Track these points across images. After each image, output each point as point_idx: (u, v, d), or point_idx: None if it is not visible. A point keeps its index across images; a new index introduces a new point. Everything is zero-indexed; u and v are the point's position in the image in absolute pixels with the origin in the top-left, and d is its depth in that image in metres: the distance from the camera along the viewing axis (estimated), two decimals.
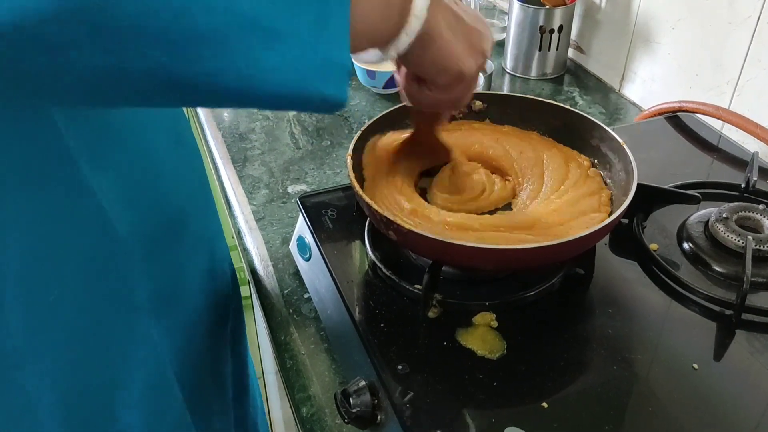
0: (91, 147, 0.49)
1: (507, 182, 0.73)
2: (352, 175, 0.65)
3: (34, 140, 0.45)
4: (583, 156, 0.74)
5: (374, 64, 1.10)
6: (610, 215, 0.64)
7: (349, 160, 0.66)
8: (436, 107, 0.61)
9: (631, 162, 0.66)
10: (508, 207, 0.71)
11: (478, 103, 0.78)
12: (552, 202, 0.68)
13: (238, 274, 0.85)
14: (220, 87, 0.38)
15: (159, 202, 0.58)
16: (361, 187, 0.65)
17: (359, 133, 0.70)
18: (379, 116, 0.72)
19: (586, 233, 0.58)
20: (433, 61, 0.49)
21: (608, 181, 0.71)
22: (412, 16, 0.45)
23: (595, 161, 0.73)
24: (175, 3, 0.34)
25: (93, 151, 0.49)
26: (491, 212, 0.70)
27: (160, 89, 0.38)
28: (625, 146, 0.68)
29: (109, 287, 0.54)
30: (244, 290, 1.03)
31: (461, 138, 0.75)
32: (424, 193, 0.71)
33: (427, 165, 0.73)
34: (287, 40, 0.38)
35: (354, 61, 1.12)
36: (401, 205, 0.65)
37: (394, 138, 0.71)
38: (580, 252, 0.63)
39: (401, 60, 0.50)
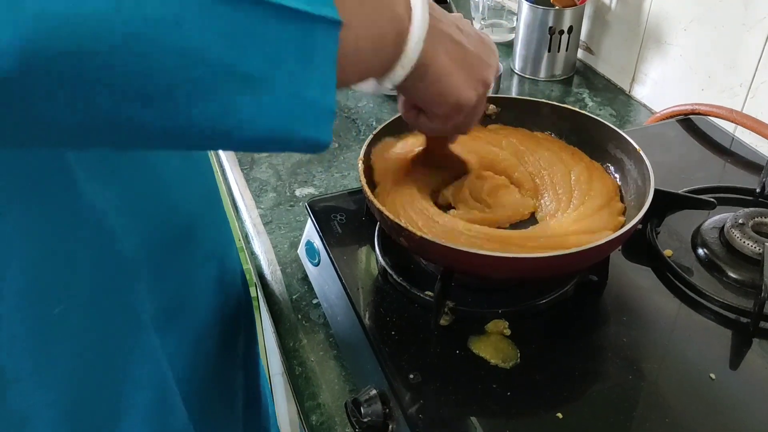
0: (93, 162, 0.48)
1: (526, 196, 0.71)
2: (364, 180, 0.64)
3: (34, 154, 0.45)
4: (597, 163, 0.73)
5: None
6: (624, 225, 0.63)
7: (360, 165, 0.65)
8: (437, 134, 0.59)
9: (647, 168, 0.65)
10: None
11: (491, 107, 0.77)
12: (571, 215, 0.66)
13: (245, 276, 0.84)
14: (196, 135, 0.37)
15: (166, 215, 0.57)
16: (372, 192, 0.65)
17: (371, 137, 0.69)
18: (390, 120, 0.71)
19: (602, 242, 0.57)
20: (430, 92, 0.47)
21: (622, 186, 0.70)
22: (408, 48, 0.43)
23: (610, 166, 0.72)
24: (147, 54, 0.32)
25: (95, 166, 0.48)
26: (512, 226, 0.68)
27: (135, 139, 0.36)
28: (641, 152, 0.67)
29: (112, 304, 0.53)
30: (251, 291, 1.03)
31: (479, 146, 0.74)
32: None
33: (444, 175, 0.72)
34: (265, 86, 0.36)
35: None
36: (423, 212, 0.64)
37: (410, 145, 0.70)
38: (596, 261, 0.62)
39: (398, 89, 0.48)
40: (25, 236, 0.47)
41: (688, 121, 0.96)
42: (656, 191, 0.64)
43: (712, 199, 0.71)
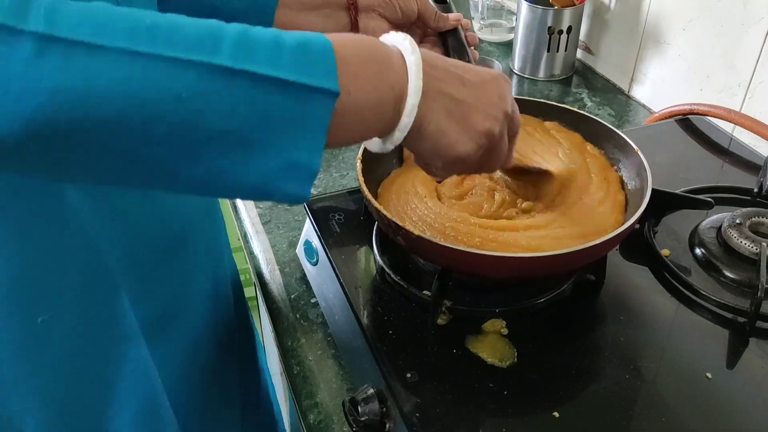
0: None
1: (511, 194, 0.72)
2: (362, 180, 0.64)
3: None
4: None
5: None
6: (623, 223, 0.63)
7: (359, 164, 0.65)
8: (448, 177, 0.59)
9: (645, 168, 0.65)
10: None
11: None
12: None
13: (243, 276, 0.84)
14: (185, 189, 0.40)
15: (157, 226, 0.57)
16: (370, 191, 0.65)
17: None
18: None
19: (599, 242, 0.57)
20: (428, 150, 0.48)
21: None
22: (404, 114, 0.44)
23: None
24: (148, 125, 0.35)
25: None
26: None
27: (137, 186, 0.40)
28: (639, 152, 0.67)
29: (98, 313, 0.53)
30: (249, 291, 1.02)
31: None
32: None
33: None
34: (255, 149, 0.38)
35: None
36: (422, 210, 0.65)
37: None
38: (593, 260, 0.62)
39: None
40: (10, 244, 0.47)
41: (687, 121, 0.96)
42: (654, 191, 0.64)
43: (709, 199, 0.71)
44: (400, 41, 0.45)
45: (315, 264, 0.74)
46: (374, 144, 0.48)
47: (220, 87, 0.36)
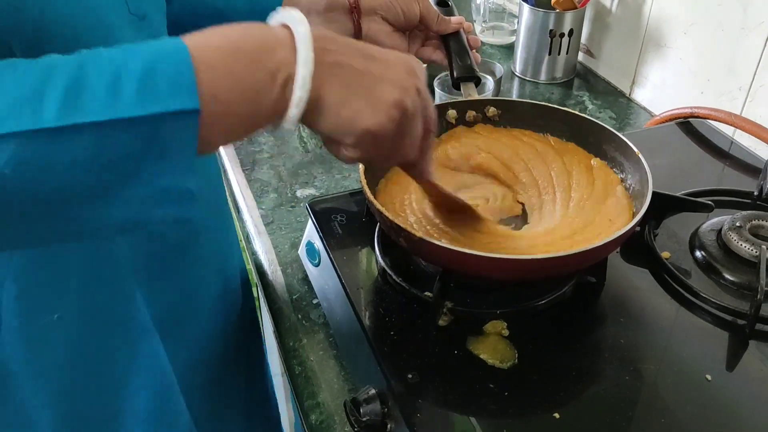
0: None
1: (510, 193, 0.72)
2: (364, 181, 0.64)
3: None
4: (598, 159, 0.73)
5: None
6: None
7: (361, 166, 0.66)
8: (374, 165, 0.54)
9: (646, 171, 0.65)
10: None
11: (492, 110, 0.77)
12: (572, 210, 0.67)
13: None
14: (60, 237, 0.41)
15: (167, 225, 0.57)
16: (372, 192, 0.65)
17: None
18: None
19: (600, 244, 0.57)
20: (332, 124, 0.44)
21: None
22: (296, 88, 0.41)
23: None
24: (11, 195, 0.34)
25: None
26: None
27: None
28: (640, 156, 0.68)
29: (110, 312, 0.54)
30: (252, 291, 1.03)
31: (476, 145, 0.75)
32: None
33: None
34: (114, 192, 0.37)
35: None
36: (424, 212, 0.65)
37: None
38: (594, 262, 0.63)
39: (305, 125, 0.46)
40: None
41: (688, 124, 0.96)
42: (654, 194, 0.64)
43: (709, 202, 0.71)
44: (288, 16, 0.43)
45: (317, 265, 0.74)
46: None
47: (49, 150, 0.34)
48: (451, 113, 0.78)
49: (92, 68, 0.36)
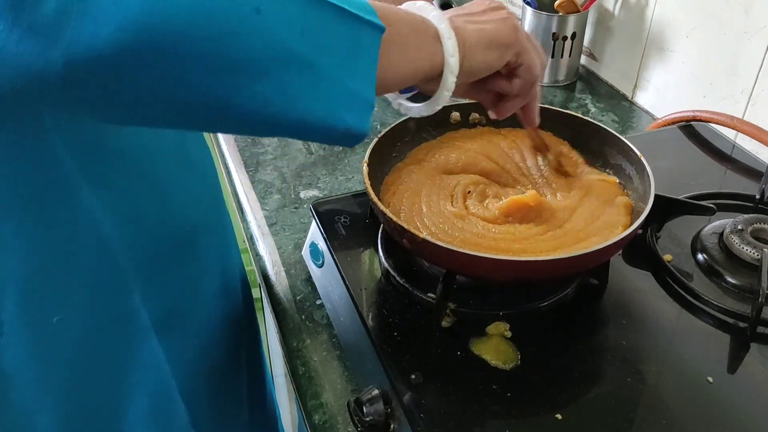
0: (92, 170, 0.49)
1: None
2: (368, 183, 0.65)
3: (34, 163, 0.46)
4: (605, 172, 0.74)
5: None
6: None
7: (365, 168, 0.66)
8: (529, 87, 0.61)
9: (648, 174, 0.66)
10: None
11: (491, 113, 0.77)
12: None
13: (248, 277, 0.84)
14: (250, 112, 0.40)
15: (167, 223, 0.58)
16: (376, 194, 0.65)
17: (375, 141, 0.70)
18: (394, 124, 0.72)
19: (603, 246, 0.57)
20: (484, 59, 0.54)
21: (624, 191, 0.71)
22: (447, 56, 0.50)
23: (611, 171, 0.73)
24: (215, 30, 0.36)
25: (93, 174, 0.49)
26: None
27: (194, 112, 0.40)
28: (642, 159, 0.68)
29: (110, 312, 0.54)
30: (254, 292, 1.03)
31: (474, 148, 0.75)
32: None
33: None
34: (318, 72, 0.41)
35: None
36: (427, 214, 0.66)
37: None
38: (596, 264, 0.63)
39: (467, 83, 0.57)
40: (24, 243, 0.48)
41: (690, 128, 0.97)
42: (657, 197, 0.64)
43: (711, 205, 0.72)
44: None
45: (320, 266, 0.75)
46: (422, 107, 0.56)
47: (292, 6, 0.39)
48: (455, 115, 0.78)
49: None
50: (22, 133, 0.44)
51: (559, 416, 0.55)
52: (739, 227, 0.70)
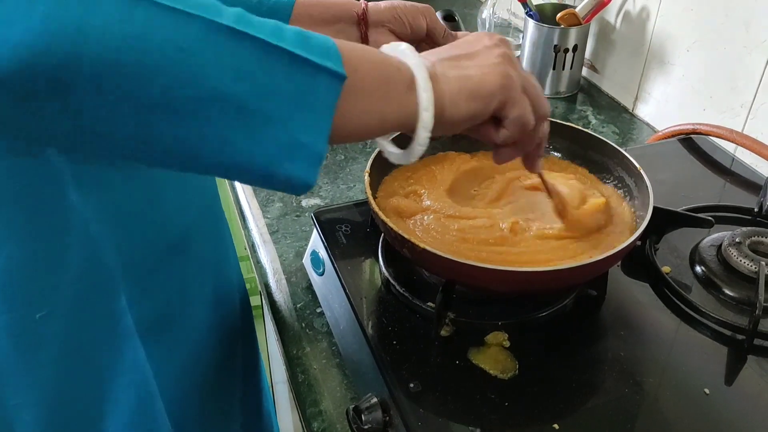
0: (80, 169, 0.49)
1: None
2: (369, 192, 0.65)
3: (22, 163, 0.46)
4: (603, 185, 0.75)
5: None
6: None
7: (366, 177, 0.67)
8: (524, 139, 0.54)
9: (647, 186, 0.66)
10: None
11: None
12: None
13: (249, 284, 0.84)
14: (176, 152, 0.39)
15: (157, 227, 0.57)
16: (377, 203, 0.66)
17: (377, 150, 0.70)
18: (396, 135, 0.73)
19: (601, 257, 0.58)
20: (466, 112, 0.48)
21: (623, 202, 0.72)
22: (421, 110, 0.45)
23: (611, 183, 0.74)
24: (147, 71, 0.35)
25: (81, 173, 0.49)
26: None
27: (131, 148, 0.38)
28: (642, 171, 0.69)
29: (94, 312, 0.54)
30: (255, 299, 1.03)
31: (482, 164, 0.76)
32: None
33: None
34: (256, 118, 0.38)
35: None
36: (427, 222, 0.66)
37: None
38: (595, 276, 0.63)
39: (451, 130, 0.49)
40: (11, 238, 0.48)
41: (690, 141, 0.97)
42: (656, 209, 0.65)
43: (710, 218, 0.72)
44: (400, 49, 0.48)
45: (321, 274, 0.75)
46: (400, 154, 0.51)
47: (223, 45, 0.36)
48: None
49: (254, 17, 0.39)
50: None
51: (556, 426, 0.55)
52: (737, 240, 0.71)
